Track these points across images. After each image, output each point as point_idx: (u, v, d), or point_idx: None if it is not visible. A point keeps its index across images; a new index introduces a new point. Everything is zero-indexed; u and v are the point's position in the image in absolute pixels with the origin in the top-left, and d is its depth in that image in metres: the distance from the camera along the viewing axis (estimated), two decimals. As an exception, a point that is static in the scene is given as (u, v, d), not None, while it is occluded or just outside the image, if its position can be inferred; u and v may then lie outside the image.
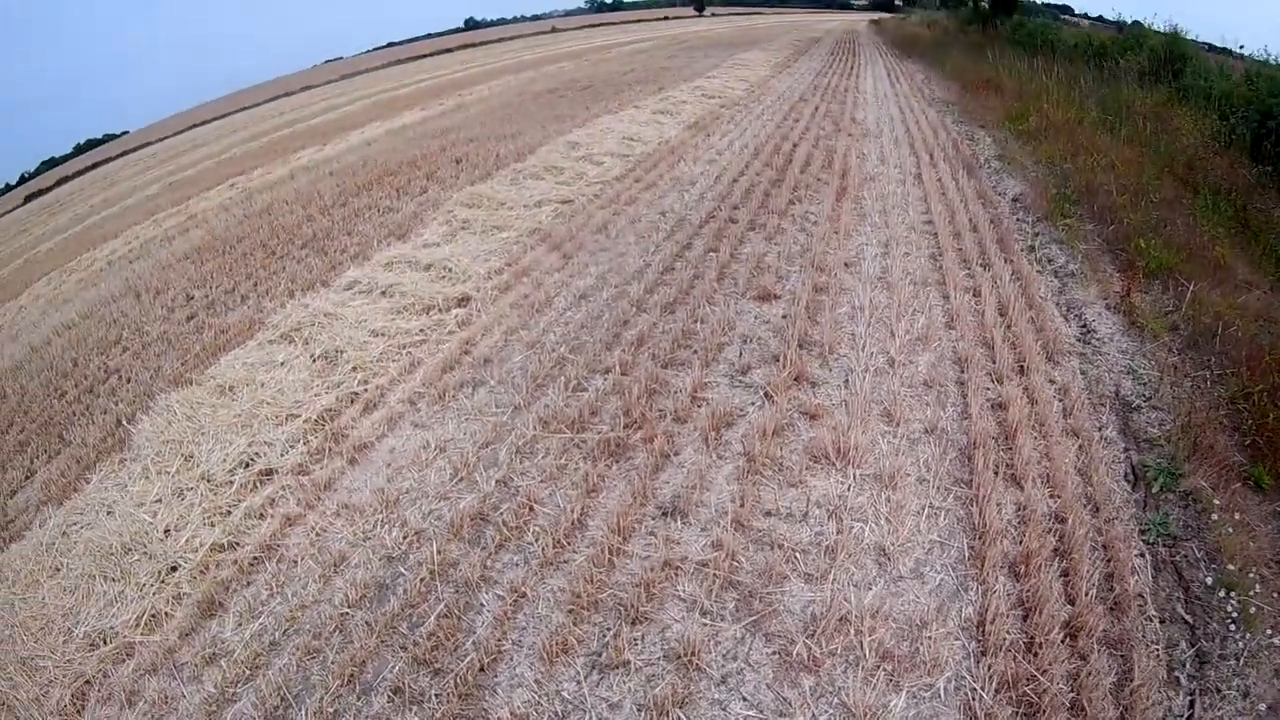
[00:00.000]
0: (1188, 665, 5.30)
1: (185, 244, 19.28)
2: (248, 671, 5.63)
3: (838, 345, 9.09)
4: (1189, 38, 24.85)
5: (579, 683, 5.16)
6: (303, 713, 5.19)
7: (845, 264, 11.42)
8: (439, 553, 6.33)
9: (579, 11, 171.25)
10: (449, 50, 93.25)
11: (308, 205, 18.50)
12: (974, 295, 10.28)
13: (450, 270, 12.05)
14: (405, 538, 6.62)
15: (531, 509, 6.74)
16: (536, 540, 6.37)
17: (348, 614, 5.93)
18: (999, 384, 8.25)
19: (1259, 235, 11.83)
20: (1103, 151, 15.95)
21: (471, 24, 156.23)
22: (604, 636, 5.47)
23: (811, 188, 15.38)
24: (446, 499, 7.03)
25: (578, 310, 10.43)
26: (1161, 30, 25.91)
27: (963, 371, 8.49)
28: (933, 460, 7.10)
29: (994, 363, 8.65)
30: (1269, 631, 5.49)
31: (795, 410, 7.92)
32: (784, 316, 9.79)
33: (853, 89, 29.97)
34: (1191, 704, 5.05)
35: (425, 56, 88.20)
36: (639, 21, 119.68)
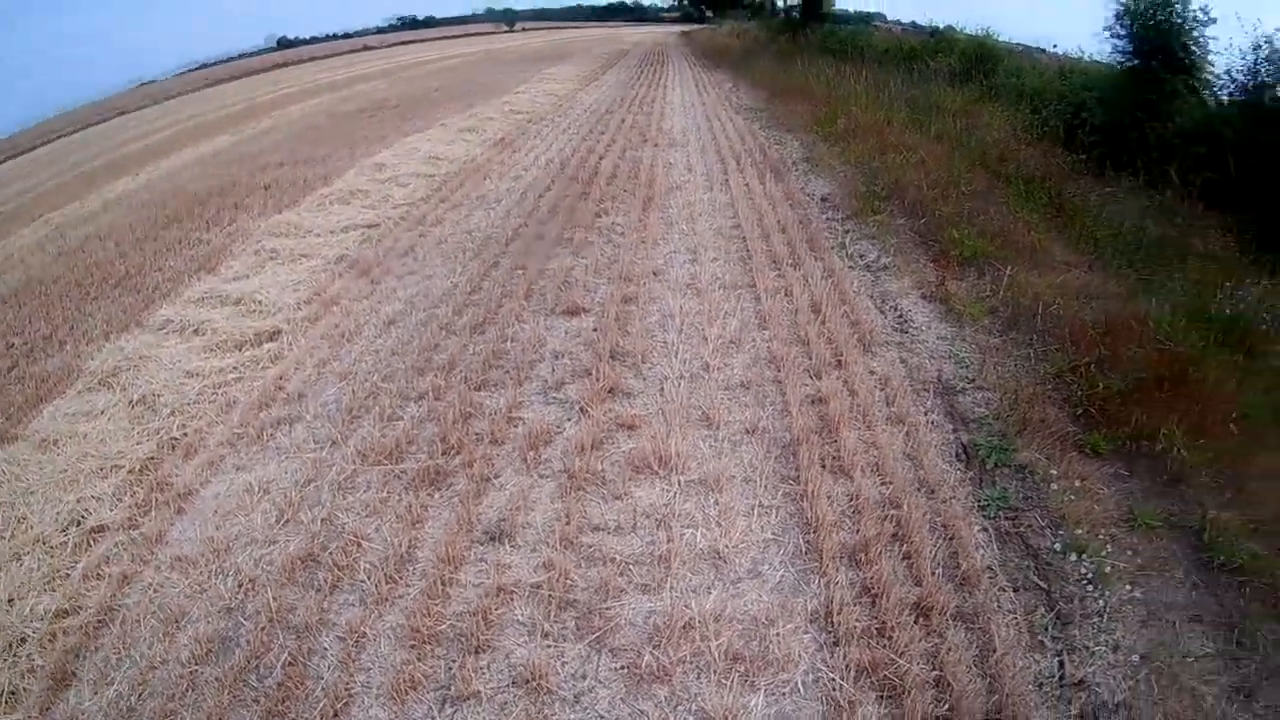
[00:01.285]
0: (1050, 628, 5.50)
1: (2, 287, 18.35)
2: (110, 743, 5.37)
3: (650, 354, 9.20)
4: (1001, 39, 26.03)
5: (433, 719, 5.09)
6: (168, 779, 4.96)
7: (654, 273, 11.59)
8: (275, 599, 6.14)
9: (392, 28, 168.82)
10: (262, 71, 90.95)
11: (120, 241, 17.74)
12: (786, 295, 10.51)
13: (260, 303, 11.77)
14: (240, 586, 6.39)
15: (359, 545, 6.62)
16: (369, 577, 6.24)
17: (196, 671, 5.68)
18: (817, 379, 8.43)
19: (1074, 219, 12.34)
20: (912, 149, 16.45)
21: (284, 43, 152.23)
22: (450, 669, 5.40)
23: (618, 199, 15.58)
24: (275, 543, 6.83)
25: (387, 337, 10.31)
26: (972, 34, 27.01)
27: (779, 370, 8.65)
28: (757, 460, 7.22)
29: (810, 359, 8.85)
30: (1128, 587, 5.75)
31: (612, 422, 7.98)
32: (594, 329, 9.88)
33: (660, 99, 30.50)
34: (1061, 664, 5.24)
35: (237, 78, 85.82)
36: (450, 38, 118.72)
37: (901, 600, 5.58)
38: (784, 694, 5.06)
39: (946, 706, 4.91)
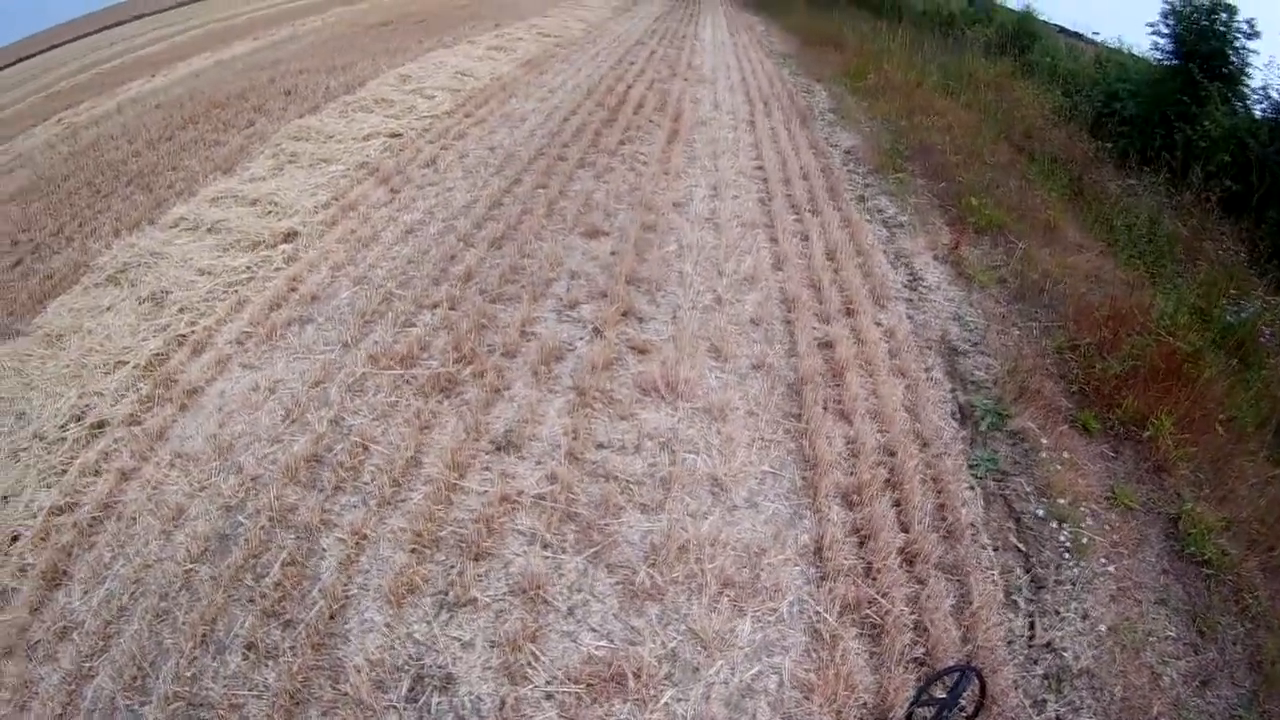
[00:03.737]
0: (1024, 590, 5.64)
1: (11, 185, 18.01)
2: (101, 643, 5.34)
3: (665, 282, 9.25)
4: (1041, 18, 25.57)
5: (429, 623, 5.16)
6: (160, 681, 4.99)
7: (674, 204, 11.55)
8: (277, 498, 6.18)
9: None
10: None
11: (134, 140, 17.49)
12: (802, 239, 10.55)
13: (277, 205, 11.69)
14: (242, 485, 6.42)
15: (366, 448, 6.66)
16: (373, 480, 6.30)
17: (192, 570, 5.73)
18: (826, 324, 8.50)
19: (1092, 204, 12.35)
20: (940, 113, 16.35)
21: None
22: (449, 575, 5.47)
23: (643, 129, 15.51)
24: (279, 442, 6.86)
25: (405, 245, 10.29)
26: (1014, 8, 26.69)
27: (790, 311, 8.73)
28: (762, 395, 7.33)
29: (821, 304, 8.91)
30: (1103, 560, 5.89)
31: (624, 345, 8.04)
32: (612, 253, 9.90)
33: (691, 36, 30.03)
34: (1032, 625, 5.37)
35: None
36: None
37: (888, 544, 5.69)
38: (770, 622, 5.19)
39: (922, 650, 5.06)
